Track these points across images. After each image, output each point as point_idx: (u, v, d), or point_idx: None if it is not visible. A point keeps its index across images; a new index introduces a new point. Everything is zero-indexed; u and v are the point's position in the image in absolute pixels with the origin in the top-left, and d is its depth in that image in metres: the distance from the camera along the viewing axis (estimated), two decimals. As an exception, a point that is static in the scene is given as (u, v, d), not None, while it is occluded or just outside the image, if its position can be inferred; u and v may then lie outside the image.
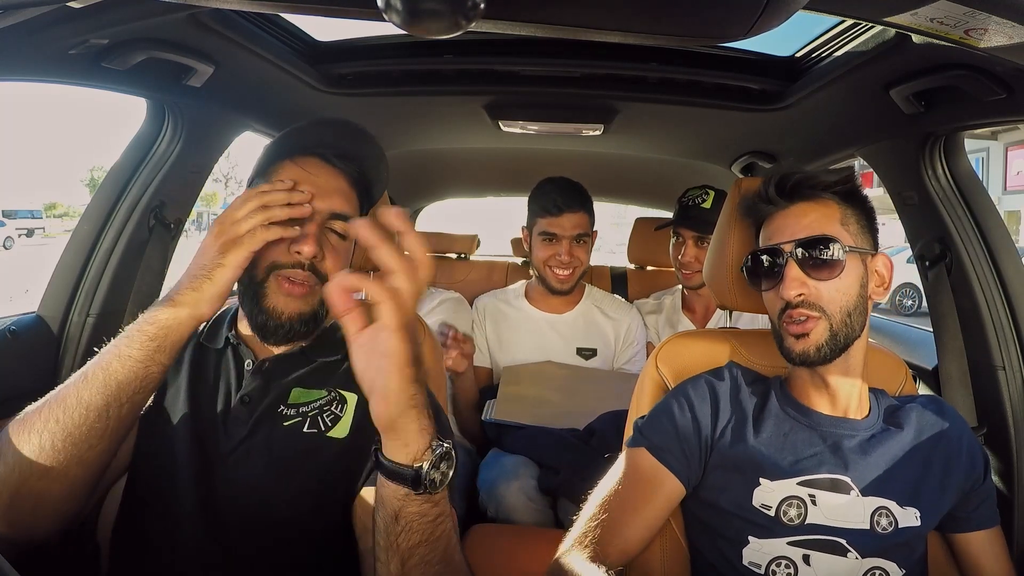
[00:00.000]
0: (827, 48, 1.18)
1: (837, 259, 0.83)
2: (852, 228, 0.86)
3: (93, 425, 0.67)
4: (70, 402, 0.68)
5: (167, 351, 0.72)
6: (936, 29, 0.74)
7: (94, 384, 0.68)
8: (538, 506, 1.36)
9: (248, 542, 0.76)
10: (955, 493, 0.87)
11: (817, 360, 0.84)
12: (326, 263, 0.82)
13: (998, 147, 13.91)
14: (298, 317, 0.81)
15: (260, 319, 0.81)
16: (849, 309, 0.84)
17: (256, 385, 0.83)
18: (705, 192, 1.75)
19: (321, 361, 0.87)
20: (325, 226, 0.83)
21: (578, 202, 1.66)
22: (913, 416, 0.89)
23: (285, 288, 0.80)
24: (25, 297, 4.81)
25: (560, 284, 1.69)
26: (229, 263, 0.74)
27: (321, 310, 0.83)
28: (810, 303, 0.83)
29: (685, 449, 0.87)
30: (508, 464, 1.42)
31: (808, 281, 0.83)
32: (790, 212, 0.88)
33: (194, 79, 1.14)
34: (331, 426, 0.81)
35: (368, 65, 1.38)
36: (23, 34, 0.79)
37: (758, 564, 0.83)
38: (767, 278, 0.89)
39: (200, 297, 0.73)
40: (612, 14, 0.55)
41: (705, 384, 0.91)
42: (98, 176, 30.99)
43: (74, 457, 0.67)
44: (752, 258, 0.91)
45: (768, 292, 0.89)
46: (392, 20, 0.47)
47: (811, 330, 0.83)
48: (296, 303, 0.81)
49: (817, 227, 0.85)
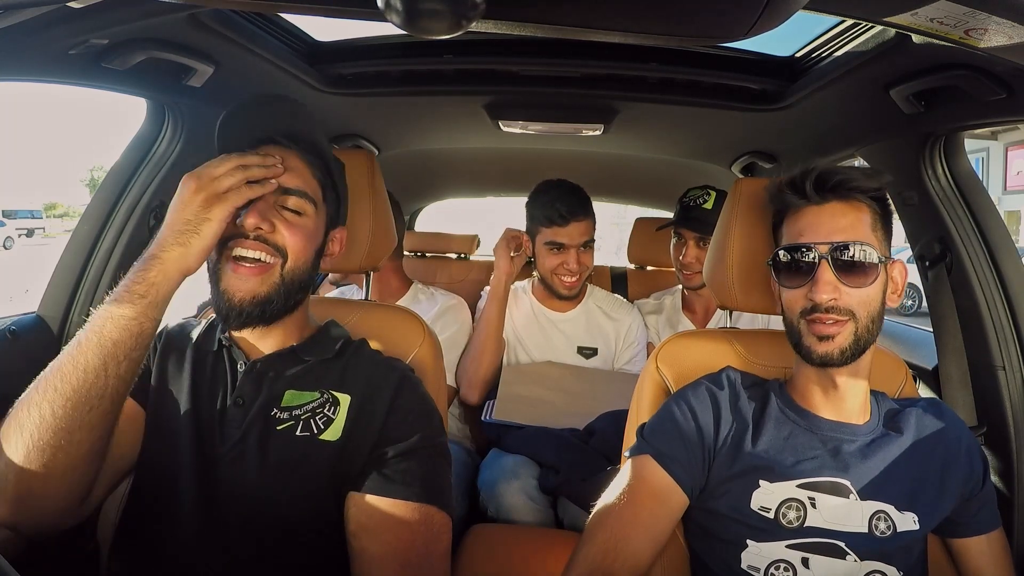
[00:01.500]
0: (827, 48, 1.18)
1: (872, 266, 0.82)
2: (880, 235, 0.85)
3: (92, 385, 0.67)
4: (66, 369, 0.68)
5: (158, 306, 0.72)
6: (936, 29, 0.74)
7: (89, 347, 0.68)
8: (538, 505, 1.36)
9: (245, 542, 0.76)
10: (954, 498, 0.87)
11: (839, 363, 0.82)
12: (279, 236, 0.81)
13: (998, 147, 13.91)
14: (251, 299, 0.80)
15: (218, 303, 0.81)
16: (874, 315, 0.83)
17: (248, 386, 0.83)
18: (706, 193, 1.74)
19: (314, 361, 0.87)
20: (277, 203, 0.83)
21: (582, 209, 1.65)
22: (912, 420, 0.89)
23: (237, 270, 0.80)
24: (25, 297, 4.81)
25: (569, 291, 1.70)
26: (215, 216, 0.74)
27: (278, 292, 0.82)
28: (840, 308, 0.81)
29: (691, 458, 0.86)
30: (508, 464, 1.43)
31: (841, 286, 0.81)
32: (824, 210, 0.85)
33: (194, 79, 1.14)
34: (323, 429, 0.81)
35: (368, 65, 1.38)
36: (23, 34, 0.79)
37: (757, 567, 0.83)
38: (795, 276, 0.85)
39: (188, 252, 0.73)
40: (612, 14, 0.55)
41: (706, 392, 0.91)
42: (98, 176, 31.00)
43: (76, 421, 0.67)
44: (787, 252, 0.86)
45: (793, 290, 0.86)
46: (392, 20, 0.47)
47: (837, 333, 0.81)
48: (248, 284, 0.80)
49: (853, 232, 0.82)
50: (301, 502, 0.78)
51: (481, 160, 2.31)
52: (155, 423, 0.82)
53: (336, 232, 0.94)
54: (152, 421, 0.82)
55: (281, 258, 0.82)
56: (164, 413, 0.82)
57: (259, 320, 0.82)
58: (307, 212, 0.85)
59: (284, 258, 0.82)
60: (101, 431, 0.70)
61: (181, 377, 0.84)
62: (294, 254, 0.83)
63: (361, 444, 0.81)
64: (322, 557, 0.79)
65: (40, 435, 0.66)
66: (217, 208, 0.75)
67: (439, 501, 0.80)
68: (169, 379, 0.85)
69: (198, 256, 0.74)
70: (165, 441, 0.81)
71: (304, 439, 0.80)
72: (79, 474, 0.70)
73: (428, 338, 1.07)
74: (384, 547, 0.76)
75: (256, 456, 0.79)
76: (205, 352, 0.87)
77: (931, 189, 1.24)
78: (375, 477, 0.79)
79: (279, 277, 0.82)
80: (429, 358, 1.06)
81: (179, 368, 0.86)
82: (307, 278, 0.87)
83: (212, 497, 0.77)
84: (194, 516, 0.76)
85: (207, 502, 0.77)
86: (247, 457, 0.79)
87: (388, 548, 0.76)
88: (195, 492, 0.77)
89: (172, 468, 0.79)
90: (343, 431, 0.81)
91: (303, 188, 0.85)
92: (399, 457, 0.80)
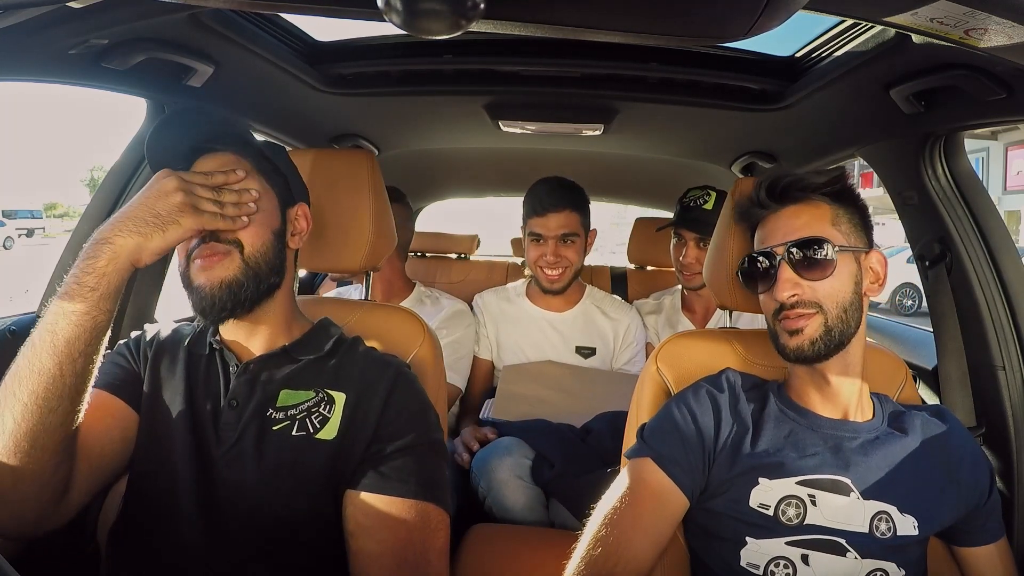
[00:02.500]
0: (827, 48, 1.18)
1: (829, 259, 0.84)
2: (844, 227, 0.87)
3: (50, 388, 0.66)
4: (23, 373, 0.67)
5: (110, 297, 0.70)
6: (936, 29, 0.74)
7: (43, 349, 0.67)
8: (528, 484, 1.34)
9: (244, 543, 0.76)
10: (955, 507, 0.86)
11: (812, 355, 0.84)
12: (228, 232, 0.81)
13: (998, 147, 13.91)
14: (219, 284, 0.80)
15: (194, 303, 0.81)
16: (844, 305, 0.84)
17: (242, 388, 0.83)
18: (707, 193, 1.74)
19: (307, 360, 0.87)
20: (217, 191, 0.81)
21: (565, 201, 1.64)
22: (917, 424, 0.89)
23: (198, 262, 0.80)
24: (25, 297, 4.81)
25: (550, 284, 1.68)
26: (186, 225, 0.73)
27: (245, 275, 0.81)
28: (804, 302, 0.84)
29: (691, 460, 0.86)
30: (503, 442, 1.41)
31: (801, 282, 0.84)
32: (782, 215, 0.89)
33: (194, 79, 1.14)
34: (319, 428, 0.81)
35: (368, 65, 1.38)
36: (23, 34, 0.79)
37: (756, 565, 0.82)
38: (762, 281, 0.90)
39: (145, 244, 0.71)
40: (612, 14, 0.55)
41: (706, 394, 0.91)
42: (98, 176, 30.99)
43: (38, 425, 0.66)
44: (748, 261, 0.92)
45: (763, 294, 0.91)
46: (392, 20, 0.47)
47: (805, 326, 0.84)
48: (212, 272, 0.80)
49: (808, 228, 0.86)
50: (299, 502, 0.78)
51: (481, 160, 2.31)
52: (150, 428, 0.82)
53: (295, 209, 0.92)
54: (147, 426, 0.82)
55: (237, 248, 0.82)
56: (159, 418, 0.82)
57: (234, 306, 0.81)
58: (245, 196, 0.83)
59: (240, 247, 0.82)
60: (65, 431, 0.69)
61: (174, 381, 0.84)
62: (249, 241, 0.82)
63: (357, 441, 0.81)
64: (321, 556, 0.79)
65: (4, 442, 0.66)
66: (190, 218, 0.74)
67: (435, 498, 0.80)
68: (163, 384, 0.85)
69: (153, 253, 0.72)
70: (161, 445, 0.81)
71: (300, 439, 0.80)
72: (48, 476, 0.69)
73: (428, 338, 1.07)
74: (381, 545, 0.76)
75: (253, 457, 0.79)
76: (198, 356, 0.87)
77: (931, 189, 1.24)
78: (371, 475, 0.79)
79: (241, 261, 0.81)
80: (429, 358, 1.06)
81: (172, 372, 0.85)
82: (274, 259, 0.86)
83: (210, 499, 0.77)
84: (192, 518, 0.76)
85: (205, 504, 0.77)
86: (244, 458, 0.79)
87: (385, 546, 0.76)
88: (193, 494, 0.77)
89: (169, 471, 0.79)
90: (339, 429, 0.81)
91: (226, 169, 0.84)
92: (394, 454, 0.80)
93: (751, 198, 0.93)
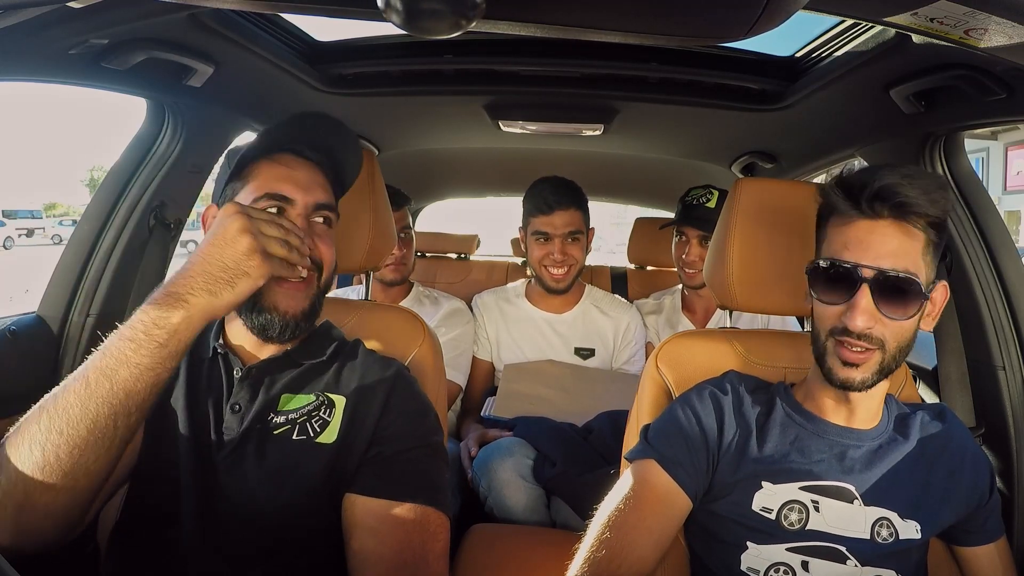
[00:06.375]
0: (827, 48, 1.18)
1: (914, 301, 0.76)
2: (929, 260, 0.78)
3: (101, 437, 0.64)
4: (73, 413, 0.63)
5: (178, 356, 0.68)
6: (936, 29, 0.74)
7: (100, 393, 0.64)
8: (530, 484, 1.34)
9: (244, 545, 0.76)
10: (957, 508, 0.86)
11: (857, 388, 0.80)
12: (317, 251, 0.84)
13: (998, 147, 13.91)
14: (300, 314, 0.82)
15: (261, 320, 0.81)
16: (903, 344, 0.79)
17: (245, 393, 0.83)
18: (709, 192, 1.75)
19: (308, 364, 0.87)
20: (310, 218, 0.84)
21: (569, 199, 1.65)
22: (918, 427, 0.88)
23: (284, 286, 0.81)
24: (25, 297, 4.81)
25: (556, 283, 1.68)
26: (255, 275, 0.70)
27: (317, 301, 0.85)
28: (872, 337, 0.77)
29: (694, 462, 0.86)
30: (504, 443, 1.41)
31: (879, 316, 0.76)
32: (876, 227, 0.77)
33: (194, 79, 1.14)
34: (320, 432, 0.81)
35: (368, 65, 1.38)
36: (23, 34, 0.79)
37: (756, 570, 0.82)
38: (831, 291, 0.79)
39: (216, 303, 0.68)
40: (612, 14, 0.55)
41: (710, 397, 0.90)
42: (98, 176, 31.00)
43: (80, 468, 0.64)
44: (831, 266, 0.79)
45: (827, 306, 0.80)
46: (392, 20, 0.47)
47: (862, 362, 0.78)
48: (296, 300, 0.82)
49: (901, 258, 0.76)
50: (299, 505, 0.78)
51: (481, 160, 2.31)
52: (153, 431, 0.82)
53: None
54: (150, 430, 0.82)
55: (318, 271, 0.84)
56: (162, 422, 0.82)
57: (304, 331, 0.85)
58: (332, 223, 0.88)
59: (320, 270, 0.85)
60: (104, 475, 0.68)
61: (177, 384, 0.84)
62: (328, 265, 0.86)
63: (356, 444, 0.81)
64: (320, 559, 0.79)
65: (43, 476, 0.63)
66: (258, 265, 0.70)
67: (435, 501, 0.80)
68: None
69: (225, 309, 0.70)
70: (163, 449, 0.80)
71: (300, 443, 0.80)
72: (80, 508, 0.68)
73: (428, 338, 1.07)
74: (380, 548, 0.76)
75: (253, 461, 0.79)
76: (200, 359, 0.87)
77: (931, 189, 1.24)
78: (370, 478, 0.79)
79: (316, 288, 0.85)
80: (429, 358, 1.06)
81: (174, 376, 0.85)
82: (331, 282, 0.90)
83: (210, 502, 0.77)
84: (192, 521, 0.76)
85: (205, 507, 0.77)
86: (244, 463, 0.79)
87: (384, 549, 0.75)
88: (193, 498, 0.77)
89: (170, 474, 0.78)
90: (339, 433, 0.81)
91: (331, 202, 0.88)
92: (394, 457, 0.80)
93: (847, 189, 0.79)
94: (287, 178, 0.83)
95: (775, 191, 1.08)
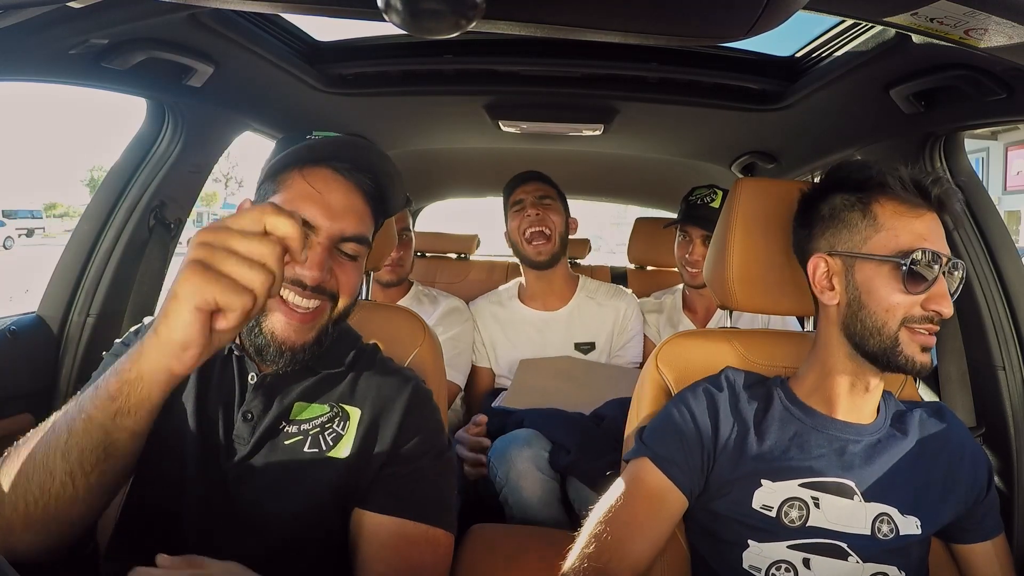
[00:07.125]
0: (827, 48, 1.18)
1: (964, 282, 0.83)
2: None
3: (60, 493, 0.58)
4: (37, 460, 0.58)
5: (131, 414, 0.57)
6: (936, 29, 0.74)
7: (56, 446, 0.58)
8: (546, 476, 1.34)
9: (248, 555, 0.75)
10: (956, 504, 0.86)
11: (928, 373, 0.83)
12: (333, 282, 0.77)
13: (998, 147, 13.91)
14: (300, 346, 0.76)
15: (259, 341, 0.76)
16: None
17: (258, 402, 0.80)
18: (713, 191, 1.75)
19: (324, 373, 0.84)
20: (336, 247, 0.78)
21: (537, 176, 1.77)
22: (917, 423, 0.88)
23: (287, 314, 0.74)
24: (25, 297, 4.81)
25: (538, 255, 1.68)
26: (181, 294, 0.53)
27: (325, 333, 0.79)
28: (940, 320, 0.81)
29: (689, 460, 0.86)
30: (522, 434, 1.41)
31: None
32: (936, 221, 0.83)
33: (194, 79, 1.14)
34: (332, 445, 0.79)
35: (368, 65, 1.38)
36: (23, 34, 0.79)
37: (758, 568, 0.82)
38: (914, 280, 0.79)
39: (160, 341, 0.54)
40: (612, 14, 0.55)
41: (704, 394, 0.90)
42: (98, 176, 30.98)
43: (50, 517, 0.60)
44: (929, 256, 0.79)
45: (905, 295, 0.80)
46: (392, 20, 0.47)
47: (932, 345, 0.81)
48: (300, 332, 0.75)
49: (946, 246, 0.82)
50: (306, 517, 0.77)
51: (481, 160, 2.31)
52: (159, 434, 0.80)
53: None
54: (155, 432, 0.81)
55: (332, 302, 0.78)
56: (169, 426, 0.79)
57: (305, 362, 0.78)
58: (362, 255, 0.81)
59: (335, 301, 0.78)
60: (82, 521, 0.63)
61: (186, 386, 0.81)
62: (346, 295, 0.79)
63: (371, 460, 0.79)
64: (326, 571, 0.79)
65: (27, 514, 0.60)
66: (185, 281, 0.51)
67: (445, 522, 0.80)
68: None
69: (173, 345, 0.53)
70: (170, 453, 0.78)
71: (311, 455, 0.79)
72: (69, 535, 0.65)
73: (428, 338, 1.07)
74: (387, 566, 0.75)
75: (262, 472, 0.77)
76: (212, 359, 0.82)
77: (931, 189, 1.24)
78: (383, 496, 0.78)
79: (327, 318, 0.78)
80: (429, 358, 1.06)
81: None
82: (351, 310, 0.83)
83: (214, 506, 0.76)
84: (195, 523, 0.76)
85: (209, 514, 0.76)
86: (253, 473, 0.77)
87: (391, 567, 0.75)
88: (198, 506, 0.76)
89: (176, 480, 0.77)
90: (352, 448, 0.79)
91: (364, 233, 0.80)
92: (409, 476, 0.79)
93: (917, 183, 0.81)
94: (316, 200, 0.76)
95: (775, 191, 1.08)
